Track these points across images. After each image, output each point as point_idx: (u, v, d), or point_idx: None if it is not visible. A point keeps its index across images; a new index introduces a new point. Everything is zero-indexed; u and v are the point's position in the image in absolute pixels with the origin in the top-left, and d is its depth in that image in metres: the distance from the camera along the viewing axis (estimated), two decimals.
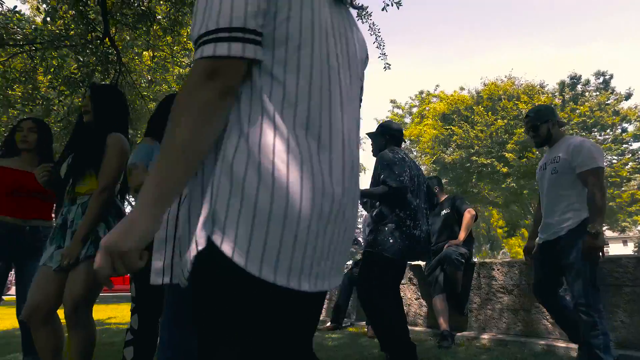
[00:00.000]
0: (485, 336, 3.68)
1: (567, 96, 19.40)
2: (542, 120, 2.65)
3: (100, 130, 2.10)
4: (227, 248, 0.65)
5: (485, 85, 19.07)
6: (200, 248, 0.67)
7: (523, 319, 3.62)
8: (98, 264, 0.65)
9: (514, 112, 17.04)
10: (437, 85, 28.58)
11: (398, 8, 4.59)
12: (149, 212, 0.65)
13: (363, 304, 2.61)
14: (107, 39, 4.37)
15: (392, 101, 27.19)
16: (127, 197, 2.77)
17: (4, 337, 4.38)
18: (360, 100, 1.05)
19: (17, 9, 4.27)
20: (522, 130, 16.97)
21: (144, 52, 6.14)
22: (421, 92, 25.80)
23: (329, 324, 4.81)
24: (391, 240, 2.57)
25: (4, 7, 4.08)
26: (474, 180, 18.06)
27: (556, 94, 19.63)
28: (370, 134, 3.06)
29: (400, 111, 27.17)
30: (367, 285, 2.62)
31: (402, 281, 4.70)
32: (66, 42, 4.41)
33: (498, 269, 3.88)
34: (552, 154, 2.62)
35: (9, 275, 2.78)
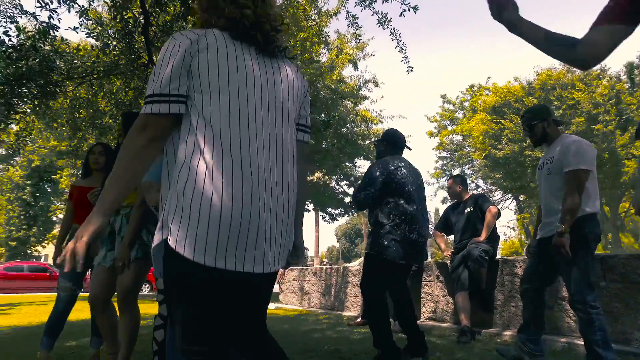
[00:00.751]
0: (508, 333, 3.70)
1: (638, 79, 17.77)
2: (537, 119, 2.69)
3: None
4: (173, 243, 0.96)
5: (537, 75, 18.05)
6: (154, 245, 1.00)
7: (545, 317, 3.59)
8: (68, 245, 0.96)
9: (569, 101, 15.98)
10: (489, 77, 27.13)
11: (415, 12, 4.71)
12: (99, 214, 0.96)
13: (365, 300, 2.83)
14: (151, 65, 4.96)
15: (443, 96, 26.52)
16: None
17: (80, 326, 5.09)
18: (304, 125, 1.30)
19: (80, 46, 5.04)
20: (580, 119, 15.88)
21: None
22: (472, 86, 24.94)
23: (359, 319, 5.02)
24: (385, 243, 2.74)
25: (70, 45, 4.81)
26: (529, 174, 17.17)
27: (622, 77, 18.07)
28: (375, 141, 3.27)
29: (451, 106, 26.44)
30: (367, 284, 2.84)
31: (429, 278, 4.80)
32: (116, 71, 5.10)
33: (521, 266, 3.88)
34: (549, 154, 2.65)
35: (86, 273, 3.35)
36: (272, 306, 8.30)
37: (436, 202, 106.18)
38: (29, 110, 5.39)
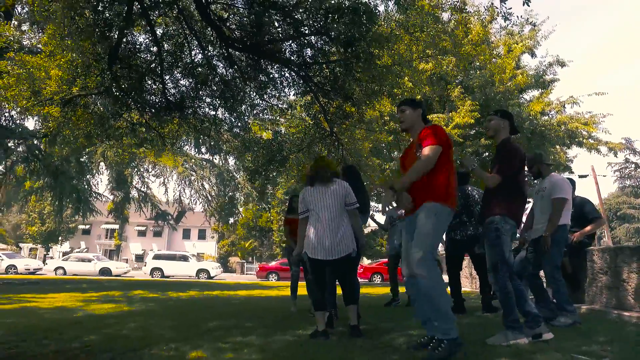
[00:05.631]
0: (587, 307, 4.76)
1: None
2: (533, 163, 4.09)
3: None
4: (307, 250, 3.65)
5: None
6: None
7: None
8: None
9: None
10: None
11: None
12: None
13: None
14: (333, 136, 8.03)
15: None
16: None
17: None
18: (349, 204, 3.75)
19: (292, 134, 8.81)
20: None
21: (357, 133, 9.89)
22: None
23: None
24: (447, 244, 4.75)
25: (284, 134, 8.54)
26: None
27: None
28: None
29: None
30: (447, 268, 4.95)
31: None
32: (316, 141, 8.44)
33: (597, 255, 4.83)
34: (542, 185, 4.04)
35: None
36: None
37: None
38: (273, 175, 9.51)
